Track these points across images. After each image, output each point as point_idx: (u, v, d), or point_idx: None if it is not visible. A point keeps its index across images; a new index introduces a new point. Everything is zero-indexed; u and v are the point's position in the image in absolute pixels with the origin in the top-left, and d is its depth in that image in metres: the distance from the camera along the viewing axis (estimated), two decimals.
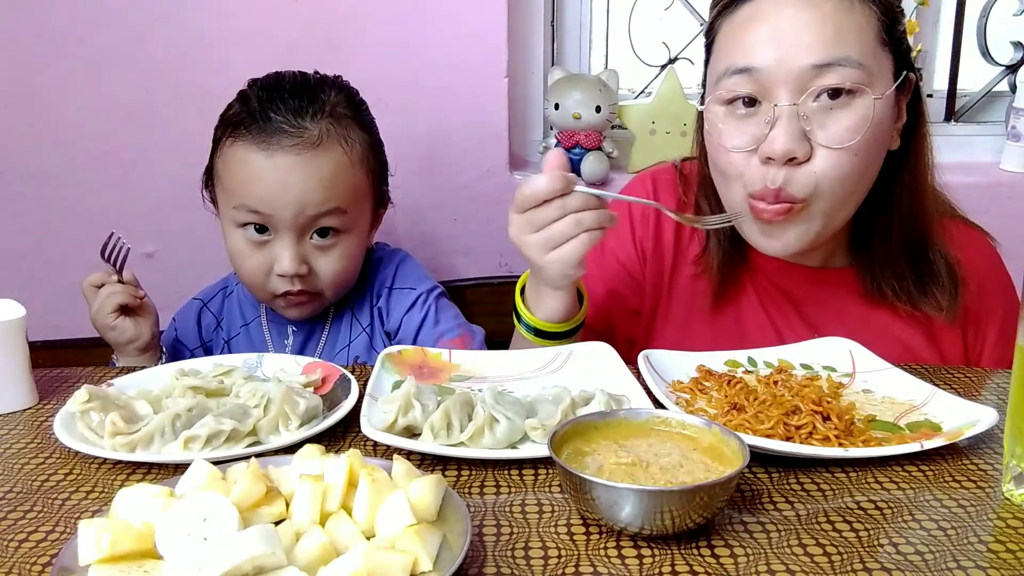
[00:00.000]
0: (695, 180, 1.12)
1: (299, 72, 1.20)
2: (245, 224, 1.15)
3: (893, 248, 1.05)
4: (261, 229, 1.14)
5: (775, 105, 0.92)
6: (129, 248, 1.15)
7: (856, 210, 1.01)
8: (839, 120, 0.92)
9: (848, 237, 1.09)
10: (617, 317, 1.15)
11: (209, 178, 1.23)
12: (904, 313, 1.07)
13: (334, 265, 1.17)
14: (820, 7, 0.92)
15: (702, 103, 1.02)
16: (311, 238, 1.15)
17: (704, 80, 1.04)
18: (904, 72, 0.97)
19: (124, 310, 1.14)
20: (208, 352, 1.30)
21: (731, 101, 0.96)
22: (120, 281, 1.14)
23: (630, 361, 0.94)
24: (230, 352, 1.29)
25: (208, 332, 1.32)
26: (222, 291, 1.34)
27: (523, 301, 1.04)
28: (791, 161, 0.93)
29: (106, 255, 1.14)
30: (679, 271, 1.13)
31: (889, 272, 1.06)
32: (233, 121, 1.15)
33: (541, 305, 1.01)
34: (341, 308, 1.28)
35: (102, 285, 1.14)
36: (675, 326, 1.13)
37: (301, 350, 1.27)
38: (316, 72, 1.22)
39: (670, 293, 1.13)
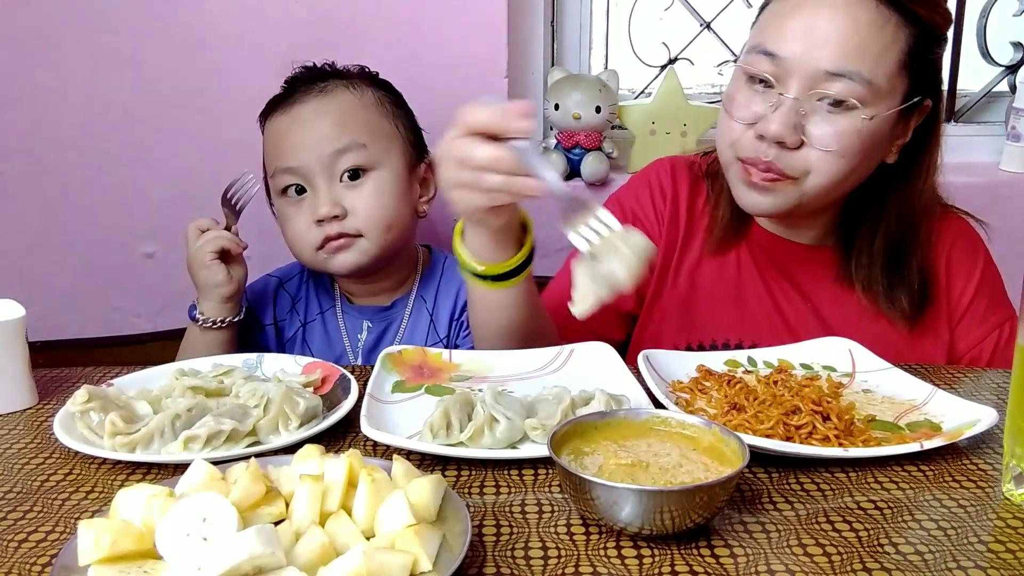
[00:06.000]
0: (701, 169, 1.21)
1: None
2: (286, 190, 1.23)
3: (873, 249, 1.10)
4: (300, 190, 1.22)
5: (780, 94, 0.99)
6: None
7: (840, 200, 1.09)
8: (830, 125, 0.98)
9: (836, 220, 1.14)
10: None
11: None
12: None
13: (368, 202, 1.21)
14: (856, 16, 0.96)
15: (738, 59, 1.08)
16: (342, 181, 1.21)
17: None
18: (919, 97, 1.02)
19: (222, 257, 1.19)
20: (279, 332, 1.33)
21: (751, 76, 1.02)
22: (227, 228, 1.21)
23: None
24: (304, 335, 1.32)
25: (282, 312, 1.34)
26: (300, 274, 1.37)
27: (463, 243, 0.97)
28: (780, 145, 1.00)
29: (228, 195, 1.21)
30: (687, 252, 1.19)
31: (865, 269, 1.11)
32: (267, 108, 1.27)
33: (468, 243, 0.95)
34: (420, 312, 1.30)
35: (207, 230, 1.20)
36: (679, 301, 1.18)
37: (375, 345, 1.29)
38: None
39: (677, 270, 1.19)
